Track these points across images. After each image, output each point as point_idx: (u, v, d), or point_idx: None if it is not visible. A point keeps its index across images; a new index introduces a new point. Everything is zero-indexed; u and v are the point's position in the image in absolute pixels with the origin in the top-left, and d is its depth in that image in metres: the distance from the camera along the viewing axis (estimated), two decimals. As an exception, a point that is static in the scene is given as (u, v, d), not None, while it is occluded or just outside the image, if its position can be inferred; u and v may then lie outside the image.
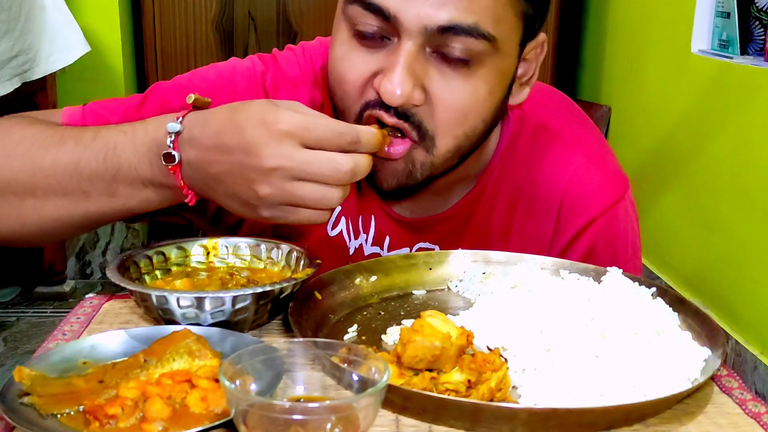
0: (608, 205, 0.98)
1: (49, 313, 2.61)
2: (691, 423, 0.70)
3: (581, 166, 0.98)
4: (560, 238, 0.99)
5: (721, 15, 2.14)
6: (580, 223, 0.98)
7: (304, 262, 0.89)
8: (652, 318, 0.79)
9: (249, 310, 0.79)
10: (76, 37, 2.41)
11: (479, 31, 0.79)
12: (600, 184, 0.98)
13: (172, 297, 0.78)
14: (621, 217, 1.00)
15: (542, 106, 1.00)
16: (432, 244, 1.02)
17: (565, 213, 0.98)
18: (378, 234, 1.02)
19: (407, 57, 0.79)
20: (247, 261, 0.93)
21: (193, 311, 0.78)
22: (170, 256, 0.92)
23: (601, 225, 0.98)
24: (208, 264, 0.93)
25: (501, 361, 0.71)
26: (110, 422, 0.63)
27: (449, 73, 0.81)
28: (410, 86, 0.80)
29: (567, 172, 0.97)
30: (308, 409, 0.57)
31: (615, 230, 1.00)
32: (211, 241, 0.94)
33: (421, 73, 0.81)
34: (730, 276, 2.04)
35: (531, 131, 0.98)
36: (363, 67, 0.83)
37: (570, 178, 0.98)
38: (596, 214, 0.98)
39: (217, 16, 2.87)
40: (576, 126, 1.01)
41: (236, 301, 0.78)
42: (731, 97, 2.04)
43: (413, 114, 0.82)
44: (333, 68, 0.87)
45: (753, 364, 1.89)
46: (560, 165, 0.98)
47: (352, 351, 0.63)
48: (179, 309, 0.78)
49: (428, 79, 0.81)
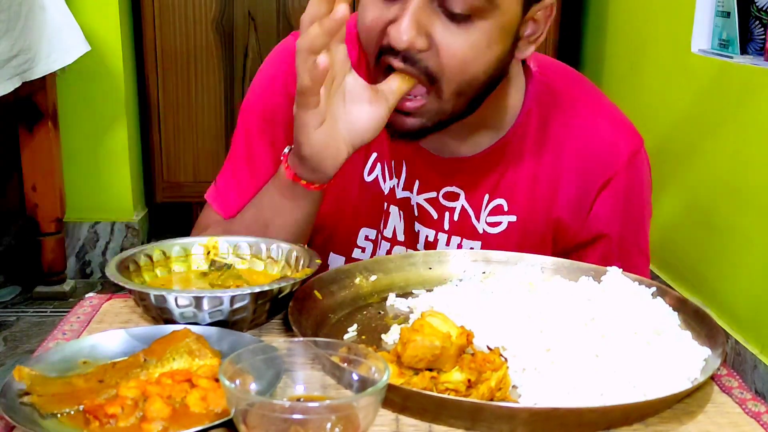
0: (628, 157, 1.06)
1: (49, 313, 2.61)
2: (691, 423, 0.70)
3: (601, 127, 1.07)
4: (587, 193, 1.06)
5: (721, 15, 2.14)
6: (605, 176, 1.06)
7: (303, 261, 0.89)
8: (652, 318, 0.79)
9: (247, 309, 0.79)
10: (76, 37, 2.41)
11: None
12: (618, 140, 1.07)
13: (171, 296, 0.78)
14: (639, 167, 1.08)
15: (562, 76, 1.10)
16: (458, 188, 1.07)
17: (589, 169, 1.06)
18: (409, 177, 1.08)
19: (414, 8, 0.88)
20: (247, 260, 0.93)
21: (191, 310, 0.78)
22: (171, 254, 0.92)
23: (624, 176, 1.06)
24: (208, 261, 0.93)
25: (501, 361, 0.71)
26: (110, 422, 0.63)
27: (451, 24, 0.90)
28: (414, 33, 0.89)
29: (589, 133, 1.06)
30: (308, 409, 0.57)
31: (637, 180, 1.08)
32: (211, 240, 0.94)
33: (426, 22, 0.89)
34: (730, 276, 2.04)
35: (555, 93, 1.07)
36: (380, 16, 0.92)
37: (592, 138, 1.06)
38: (618, 166, 1.06)
39: (217, 16, 2.87)
40: (592, 92, 1.11)
41: (234, 300, 0.78)
42: (731, 97, 2.04)
43: (419, 60, 0.91)
44: (359, 18, 0.97)
45: (753, 363, 1.89)
46: (586, 127, 1.06)
47: (352, 350, 0.63)
48: (177, 308, 0.78)
49: (432, 29, 0.90)
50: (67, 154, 2.69)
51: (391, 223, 1.10)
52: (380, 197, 1.09)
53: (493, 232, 1.07)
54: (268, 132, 1.09)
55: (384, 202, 1.09)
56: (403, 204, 1.09)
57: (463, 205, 1.07)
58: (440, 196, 1.07)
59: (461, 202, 1.07)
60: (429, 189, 1.08)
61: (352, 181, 1.08)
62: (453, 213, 1.07)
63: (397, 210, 1.09)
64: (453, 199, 1.07)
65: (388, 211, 1.09)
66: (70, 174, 2.72)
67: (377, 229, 1.11)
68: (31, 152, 2.54)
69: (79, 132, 2.77)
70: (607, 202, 1.06)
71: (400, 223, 1.09)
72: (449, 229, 1.08)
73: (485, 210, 1.07)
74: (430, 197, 1.08)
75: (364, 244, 1.11)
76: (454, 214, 1.07)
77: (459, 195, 1.07)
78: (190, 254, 0.93)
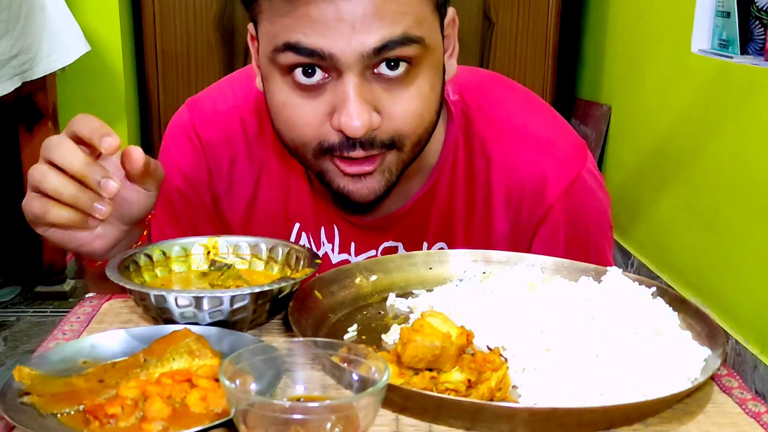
0: (563, 189, 0.99)
1: (49, 313, 2.61)
2: (691, 423, 0.70)
3: (529, 158, 0.99)
4: (523, 232, 1.00)
5: (721, 15, 2.14)
6: (539, 213, 0.99)
7: (303, 261, 0.89)
8: (652, 318, 0.79)
9: (247, 309, 0.79)
10: (76, 37, 2.41)
11: (408, 37, 0.82)
12: (551, 171, 0.99)
13: (171, 296, 0.78)
14: (579, 194, 1.00)
15: (483, 97, 1.02)
16: (395, 241, 1.03)
17: (522, 206, 1.00)
18: (343, 241, 1.04)
19: (355, 89, 0.82)
20: (247, 260, 0.93)
21: (191, 311, 0.78)
22: (171, 254, 0.92)
23: (560, 210, 0.99)
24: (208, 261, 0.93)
25: (501, 361, 0.71)
26: (110, 422, 0.63)
27: (394, 88, 0.84)
28: (367, 114, 0.82)
29: (517, 166, 0.99)
30: (308, 409, 0.57)
31: (576, 208, 1.00)
32: (211, 240, 0.94)
33: (370, 97, 0.83)
34: (730, 276, 2.04)
35: (477, 127, 1.00)
36: (312, 113, 0.85)
37: (521, 173, 0.99)
38: (552, 200, 0.99)
39: (218, 15, 2.87)
40: (519, 114, 1.01)
41: (234, 300, 0.78)
42: (731, 96, 2.04)
43: (375, 137, 0.85)
44: (278, 115, 0.88)
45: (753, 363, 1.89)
46: (508, 159, 0.99)
47: (352, 350, 0.63)
48: (177, 308, 0.78)
49: (378, 101, 0.84)
50: (67, 154, 2.69)
51: None
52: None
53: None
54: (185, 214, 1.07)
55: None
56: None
57: None
58: (379, 253, 1.04)
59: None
60: (367, 248, 1.04)
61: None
62: None
63: None
64: (393, 252, 1.03)
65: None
66: (70, 174, 2.72)
67: None
68: (31, 152, 2.54)
69: (79, 132, 2.77)
70: (545, 240, 1.00)
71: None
72: None
73: None
74: (370, 255, 1.03)
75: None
76: None
77: (398, 247, 1.03)
78: (190, 254, 0.93)
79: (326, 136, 0.85)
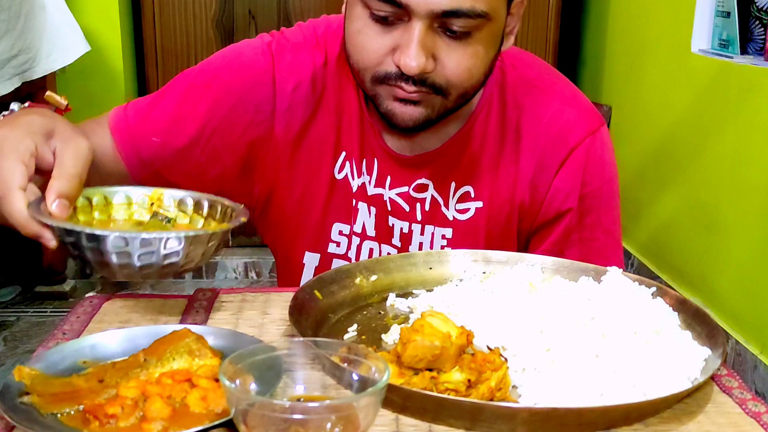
0: (584, 136, 1.10)
1: (49, 313, 2.61)
2: (691, 422, 0.70)
3: (556, 108, 1.11)
4: (545, 173, 1.10)
5: (721, 15, 2.14)
6: (561, 155, 1.09)
7: (236, 217, 0.87)
8: (652, 318, 0.79)
9: (179, 254, 0.78)
10: (76, 37, 2.41)
11: (475, 12, 0.93)
12: (575, 120, 1.11)
13: (105, 234, 0.75)
14: (598, 146, 1.11)
15: (519, 60, 1.14)
16: (427, 179, 1.11)
17: (547, 150, 1.10)
18: (380, 175, 1.11)
19: (419, 35, 0.93)
20: (188, 215, 0.91)
21: (125, 251, 0.76)
22: (112, 200, 0.89)
23: (581, 153, 1.10)
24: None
25: (501, 361, 0.71)
26: (110, 422, 0.63)
27: (453, 43, 0.95)
28: (424, 59, 0.93)
29: (545, 114, 1.10)
30: (308, 409, 0.57)
31: (595, 157, 1.10)
32: (156, 192, 0.91)
33: (431, 45, 0.94)
34: (730, 276, 2.04)
35: (511, 81, 1.12)
36: (380, 43, 0.96)
37: (548, 120, 1.10)
38: (574, 144, 1.09)
39: (217, 14, 2.87)
40: (548, 75, 1.15)
41: (167, 243, 0.77)
42: (731, 96, 2.04)
43: (427, 78, 0.96)
44: (351, 39, 1.00)
45: (753, 363, 1.89)
46: (538, 109, 1.11)
47: (352, 351, 0.63)
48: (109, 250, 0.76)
49: (437, 50, 0.95)
50: (67, 153, 2.69)
51: (360, 219, 1.12)
52: (349, 194, 1.12)
53: (463, 218, 1.11)
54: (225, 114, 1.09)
55: (353, 198, 1.12)
56: (375, 200, 1.11)
57: (433, 194, 1.10)
58: (411, 190, 1.11)
59: (431, 192, 1.10)
60: (401, 184, 1.11)
61: (321, 178, 1.11)
62: (424, 204, 1.11)
63: (367, 206, 1.12)
64: (423, 190, 1.11)
65: (357, 207, 1.12)
66: (70, 174, 2.72)
67: (350, 225, 1.13)
68: (31, 152, 2.54)
69: (79, 132, 2.77)
70: (564, 180, 1.10)
71: (370, 219, 1.12)
72: (422, 219, 1.11)
73: (453, 198, 1.10)
74: (402, 192, 1.11)
75: (339, 239, 1.13)
76: (425, 205, 1.11)
77: (428, 186, 1.11)
78: (132, 203, 0.90)
79: (386, 67, 0.97)
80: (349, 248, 1.13)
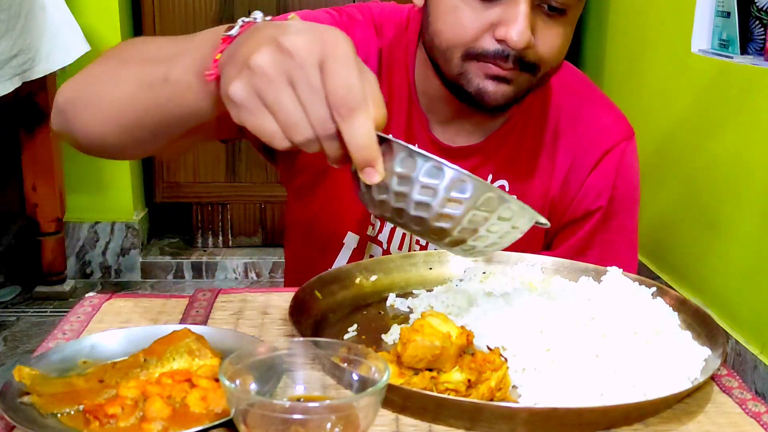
0: (619, 140, 1.15)
1: (49, 313, 2.61)
2: (691, 422, 0.70)
3: (594, 113, 1.15)
4: (579, 172, 1.13)
5: (721, 15, 2.14)
6: (596, 155, 1.13)
7: None
8: (652, 318, 0.79)
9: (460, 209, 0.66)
10: (76, 37, 2.41)
11: None
12: (611, 125, 1.15)
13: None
14: (630, 152, 1.16)
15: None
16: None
17: (583, 149, 1.13)
18: None
19: (526, 11, 0.94)
20: None
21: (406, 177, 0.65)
22: None
23: (615, 156, 1.14)
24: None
25: (501, 361, 0.71)
26: (110, 422, 0.63)
27: (550, 21, 0.98)
28: (529, 33, 0.95)
29: (584, 117, 1.14)
30: (308, 409, 0.57)
31: (626, 162, 1.15)
32: None
33: (532, 22, 0.96)
34: (730, 276, 2.04)
35: (553, 84, 1.14)
36: (480, 19, 0.96)
37: (586, 122, 1.14)
38: (609, 146, 1.14)
39: (217, 15, 2.87)
40: (587, 84, 1.20)
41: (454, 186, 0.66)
42: (731, 96, 2.04)
43: (524, 56, 0.97)
44: (444, 15, 0.99)
45: (753, 363, 1.89)
46: (577, 111, 1.14)
47: (352, 351, 0.63)
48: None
49: (534, 28, 0.97)
50: (67, 154, 2.69)
51: None
52: None
53: None
54: None
55: None
56: None
57: None
58: None
59: None
60: None
61: None
62: None
63: None
64: None
65: None
66: (70, 174, 2.72)
67: None
68: (31, 152, 2.54)
69: (79, 132, 2.77)
70: (597, 180, 1.13)
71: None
72: None
73: None
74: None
75: (375, 221, 1.14)
76: None
77: None
78: None
79: (483, 43, 0.97)
80: (381, 231, 1.13)
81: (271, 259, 2.98)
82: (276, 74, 0.64)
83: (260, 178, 3.00)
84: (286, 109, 0.65)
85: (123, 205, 2.91)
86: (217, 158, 2.97)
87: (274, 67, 0.64)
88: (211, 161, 2.97)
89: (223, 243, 3.07)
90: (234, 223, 3.06)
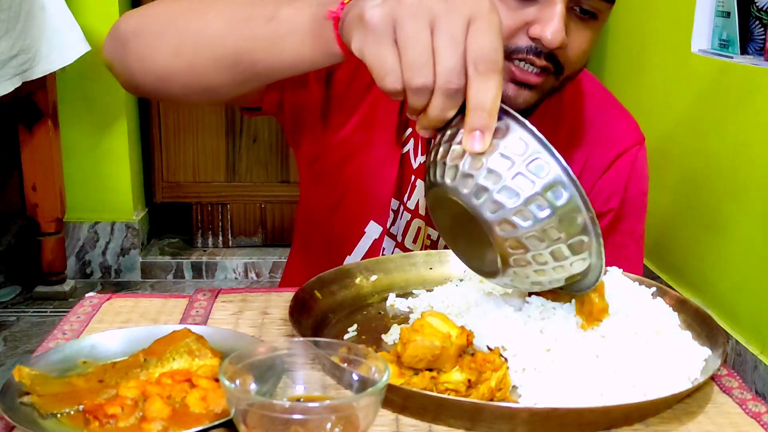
0: (633, 144, 1.17)
1: (49, 313, 2.61)
2: (691, 423, 0.70)
3: (609, 116, 1.18)
4: (591, 174, 1.15)
5: (721, 15, 2.14)
6: (609, 158, 1.15)
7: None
8: (652, 318, 0.79)
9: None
10: (76, 37, 2.41)
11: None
12: (625, 129, 1.18)
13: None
14: (642, 157, 1.18)
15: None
16: None
17: (596, 151, 1.15)
18: None
19: (562, 11, 0.94)
20: None
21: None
22: None
23: (628, 159, 1.16)
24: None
25: (501, 361, 0.71)
26: (110, 422, 0.63)
27: (580, 24, 0.99)
28: (564, 33, 0.95)
29: (598, 119, 1.16)
30: (308, 409, 0.57)
31: (638, 166, 1.17)
32: None
33: (565, 23, 0.96)
34: (730, 276, 2.04)
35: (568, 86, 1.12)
36: (515, 18, 0.96)
37: (600, 124, 1.16)
38: (623, 149, 1.16)
39: (217, 15, 2.87)
40: (602, 89, 1.22)
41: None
42: (731, 96, 2.04)
43: (556, 54, 0.97)
44: None
45: (753, 363, 1.89)
46: (592, 114, 1.16)
47: (352, 351, 0.63)
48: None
49: (567, 29, 0.97)
50: (67, 153, 2.69)
51: (416, 196, 1.12)
52: (410, 170, 1.12)
53: None
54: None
55: (412, 174, 1.12)
56: None
57: None
58: None
59: None
60: None
61: (392, 150, 1.10)
62: None
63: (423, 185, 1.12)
64: None
65: (415, 184, 1.12)
66: (70, 174, 2.72)
67: (400, 201, 1.13)
68: (31, 152, 2.54)
69: (79, 131, 2.77)
70: (609, 182, 1.14)
71: (424, 198, 1.11)
72: None
73: None
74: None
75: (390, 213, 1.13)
76: None
77: None
78: None
79: (517, 41, 0.96)
80: (394, 223, 1.12)
81: (271, 259, 2.98)
82: (421, 12, 0.64)
83: (260, 178, 3.00)
84: (417, 49, 0.63)
85: (123, 205, 2.91)
86: (217, 158, 2.98)
87: (421, 5, 0.64)
88: (211, 161, 2.97)
89: (223, 243, 3.07)
90: (234, 223, 3.06)
